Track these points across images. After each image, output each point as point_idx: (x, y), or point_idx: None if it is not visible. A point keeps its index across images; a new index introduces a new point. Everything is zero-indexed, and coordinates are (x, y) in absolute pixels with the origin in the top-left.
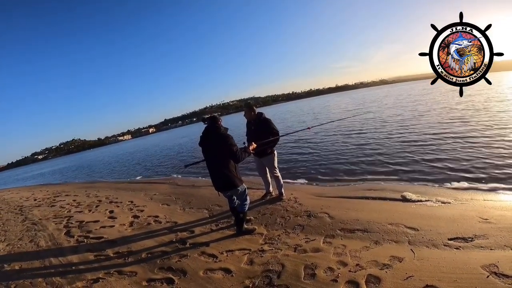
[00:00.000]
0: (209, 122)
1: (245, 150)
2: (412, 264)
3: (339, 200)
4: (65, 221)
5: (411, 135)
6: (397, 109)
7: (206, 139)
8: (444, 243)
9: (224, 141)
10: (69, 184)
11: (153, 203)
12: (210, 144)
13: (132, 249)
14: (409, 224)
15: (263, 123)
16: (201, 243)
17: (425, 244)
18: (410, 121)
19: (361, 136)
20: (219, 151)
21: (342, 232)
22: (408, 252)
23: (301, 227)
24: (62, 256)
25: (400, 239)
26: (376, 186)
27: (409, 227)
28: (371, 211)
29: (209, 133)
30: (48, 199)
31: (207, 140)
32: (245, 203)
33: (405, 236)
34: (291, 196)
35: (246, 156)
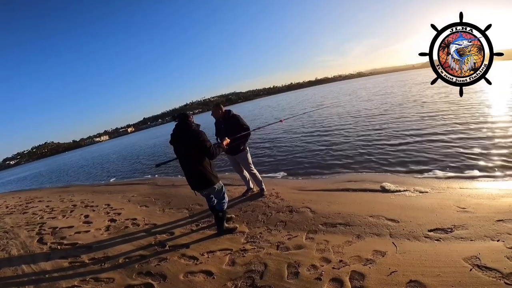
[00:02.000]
0: (179, 119)
1: (219, 146)
2: (395, 259)
3: (320, 193)
4: (38, 228)
5: (387, 127)
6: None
7: (177, 137)
8: (425, 235)
9: (196, 138)
10: (42, 189)
11: (131, 205)
12: (182, 142)
13: (108, 254)
14: (389, 216)
15: (232, 120)
16: (181, 245)
17: (406, 237)
18: (386, 113)
19: (337, 129)
20: (191, 148)
21: (324, 227)
22: (390, 245)
23: (283, 223)
24: (34, 264)
25: (382, 232)
26: (356, 177)
27: (390, 219)
28: (352, 203)
29: (180, 131)
30: (20, 206)
31: (178, 138)
32: (223, 201)
33: (386, 229)
34: (272, 191)
35: (220, 152)
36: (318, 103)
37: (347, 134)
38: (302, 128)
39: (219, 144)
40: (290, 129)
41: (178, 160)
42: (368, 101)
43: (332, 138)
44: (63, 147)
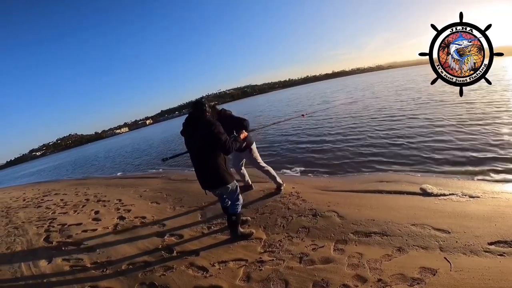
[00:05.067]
0: (193, 107)
1: (235, 139)
2: (450, 278)
3: (348, 194)
4: (48, 224)
5: (421, 122)
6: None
7: (189, 127)
8: (485, 249)
9: (210, 129)
10: (61, 181)
11: (142, 201)
12: (194, 133)
13: (112, 258)
14: (437, 225)
15: (228, 119)
16: (190, 252)
17: (461, 251)
18: (418, 108)
19: (363, 124)
20: (204, 141)
21: (356, 236)
22: (441, 261)
23: (306, 229)
24: (35, 267)
25: (429, 245)
26: (388, 177)
27: (438, 229)
28: (387, 208)
29: (193, 120)
30: (37, 199)
31: (190, 128)
32: (237, 203)
33: (434, 241)
34: (292, 190)
35: (236, 146)
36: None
37: (374, 129)
38: (325, 122)
39: (236, 137)
40: (311, 123)
41: (188, 154)
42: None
43: (358, 133)
44: (86, 139)
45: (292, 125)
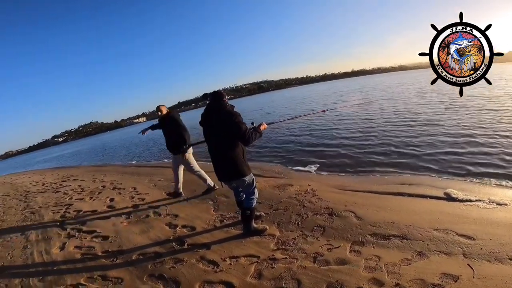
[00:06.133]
0: (212, 97)
1: (255, 130)
2: (473, 285)
3: (366, 195)
4: (64, 209)
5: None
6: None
7: (208, 117)
8: (510, 257)
9: (230, 119)
10: (80, 167)
11: (156, 190)
12: (213, 123)
13: (123, 247)
14: (461, 230)
15: (172, 121)
16: (201, 245)
17: (485, 258)
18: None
19: (385, 123)
20: (223, 131)
21: (374, 238)
22: (464, 267)
23: (321, 228)
24: (47, 254)
25: (452, 250)
26: (410, 180)
27: (462, 235)
28: (409, 211)
29: (212, 110)
30: (56, 184)
31: (209, 119)
32: (252, 197)
33: (458, 247)
34: (308, 187)
35: (256, 138)
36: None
37: (394, 130)
38: (345, 120)
39: (256, 128)
40: (330, 120)
41: (206, 144)
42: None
43: (377, 134)
44: (106, 127)
45: (308, 122)
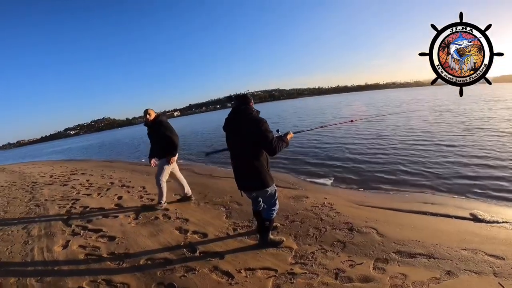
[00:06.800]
0: (237, 101)
1: (281, 139)
2: None
3: (387, 212)
4: (70, 204)
5: (476, 145)
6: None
7: (233, 123)
8: None
9: (256, 126)
10: (89, 161)
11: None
12: (238, 129)
13: (130, 250)
14: (490, 251)
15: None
16: (214, 253)
17: None
18: (469, 130)
19: (408, 139)
20: (249, 138)
21: (399, 256)
22: (495, 286)
23: (341, 244)
24: (48, 251)
25: (483, 270)
26: (433, 199)
27: (491, 255)
28: (434, 230)
29: (238, 116)
30: (64, 177)
31: (234, 124)
32: (273, 208)
33: (488, 266)
34: (324, 200)
35: (283, 148)
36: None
37: (416, 148)
38: (361, 134)
39: (282, 137)
40: (345, 133)
41: (229, 151)
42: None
43: (403, 149)
44: (117, 123)
45: (324, 133)
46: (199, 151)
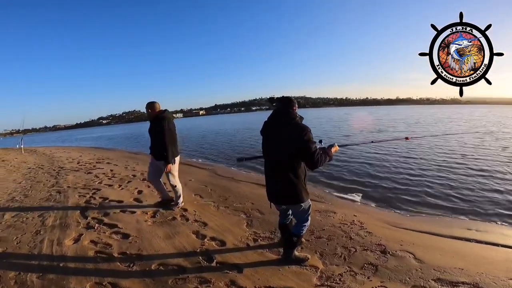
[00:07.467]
0: (280, 104)
1: (325, 152)
2: None
3: (424, 236)
4: (91, 194)
5: None
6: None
7: (272, 128)
8: None
9: (299, 134)
10: (116, 151)
11: (186, 191)
12: (278, 135)
13: (143, 252)
14: None
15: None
16: (232, 265)
17: None
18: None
19: (438, 162)
20: (289, 147)
21: (439, 284)
22: None
23: (373, 267)
24: (58, 245)
25: None
26: (477, 226)
27: None
28: (479, 258)
29: (279, 119)
30: (90, 164)
31: (274, 129)
32: (304, 224)
33: None
34: (354, 218)
35: (326, 162)
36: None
37: (454, 171)
38: (393, 152)
39: (326, 150)
40: (377, 150)
41: (263, 157)
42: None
43: (434, 171)
44: (146, 117)
45: (358, 149)
46: (226, 153)
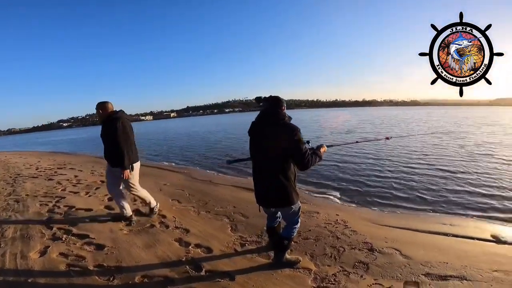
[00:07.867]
0: (269, 103)
1: (315, 153)
2: None
3: (407, 232)
4: (53, 202)
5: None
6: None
7: (261, 127)
8: None
9: (289, 135)
10: (79, 155)
11: (162, 196)
12: (266, 136)
13: (122, 263)
14: None
15: (111, 124)
16: (223, 273)
17: None
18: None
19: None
20: (278, 148)
21: (429, 279)
22: None
23: (364, 265)
24: (23, 258)
25: None
26: (450, 220)
27: None
28: (460, 252)
29: (267, 120)
30: (50, 170)
31: (262, 129)
32: (295, 226)
33: None
34: (337, 217)
35: (316, 162)
36: None
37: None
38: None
39: (316, 151)
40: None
41: (252, 159)
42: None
43: (406, 168)
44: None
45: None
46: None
